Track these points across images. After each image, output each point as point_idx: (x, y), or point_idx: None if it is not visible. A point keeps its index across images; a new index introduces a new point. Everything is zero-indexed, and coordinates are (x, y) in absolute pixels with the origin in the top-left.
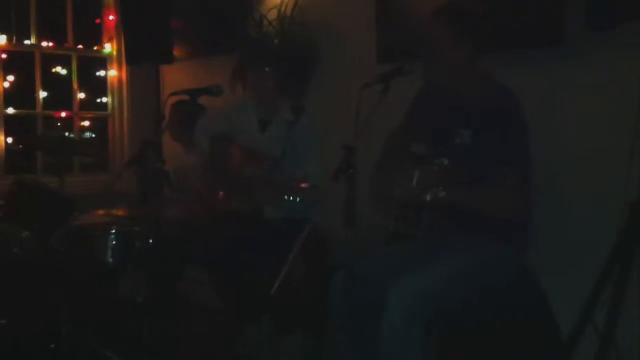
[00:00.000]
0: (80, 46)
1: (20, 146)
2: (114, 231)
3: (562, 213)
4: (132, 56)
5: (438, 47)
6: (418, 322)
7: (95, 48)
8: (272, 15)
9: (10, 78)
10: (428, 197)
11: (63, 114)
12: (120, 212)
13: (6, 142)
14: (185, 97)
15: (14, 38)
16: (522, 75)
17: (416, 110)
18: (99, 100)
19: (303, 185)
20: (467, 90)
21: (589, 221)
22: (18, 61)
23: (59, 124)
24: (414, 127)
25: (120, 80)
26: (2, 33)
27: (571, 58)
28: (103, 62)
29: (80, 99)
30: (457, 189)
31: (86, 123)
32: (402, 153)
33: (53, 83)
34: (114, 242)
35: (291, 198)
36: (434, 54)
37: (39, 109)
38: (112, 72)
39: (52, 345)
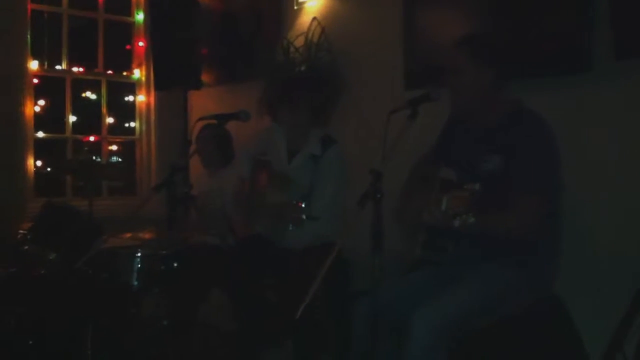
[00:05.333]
0: (110, 71)
1: (50, 169)
2: (139, 254)
3: (592, 241)
4: (160, 82)
5: (461, 75)
6: (441, 348)
7: (124, 73)
8: (299, 42)
9: (42, 102)
10: (457, 223)
11: (92, 138)
12: (146, 235)
13: (36, 166)
14: (212, 121)
15: (46, 63)
16: (548, 102)
17: (446, 136)
18: (127, 124)
19: (301, 216)
20: (495, 117)
21: (620, 249)
22: (49, 86)
23: (86, 148)
24: (443, 153)
25: (148, 105)
26: (35, 58)
27: (598, 85)
28: (132, 87)
29: (109, 124)
30: (486, 215)
31: (114, 147)
32: (430, 178)
33: (83, 107)
34: (139, 265)
35: (291, 227)
36: (458, 82)
37: (68, 133)
38: (141, 97)
39: None
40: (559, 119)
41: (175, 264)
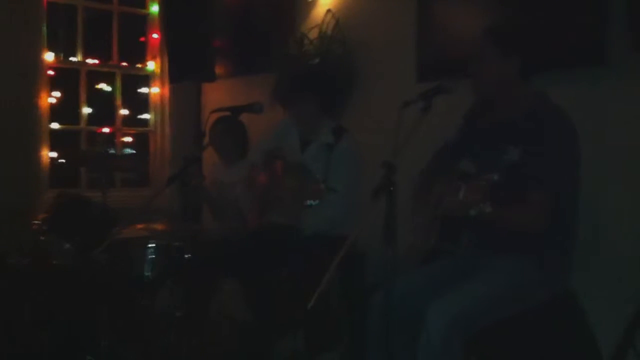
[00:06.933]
0: (124, 64)
1: (64, 161)
2: (152, 245)
3: (604, 235)
4: (174, 74)
5: (487, 63)
6: (456, 341)
7: (138, 66)
8: (313, 34)
9: (57, 94)
10: (473, 212)
11: (106, 130)
12: (159, 227)
13: (50, 157)
14: (225, 114)
15: (61, 55)
16: (563, 94)
17: (466, 128)
18: (141, 116)
19: (320, 188)
20: (517, 108)
21: (632, 243)
22: (64, 78)
23: (100, 139)
24: (462, 144)
25: (162, 97)
26: (50, 50)
27: (613, 78)
28: (146, 79)
29: (123, 115)
30: (502, 206)
31: (128, 139)
32: (449, 169)
33: (97, 99)
34: (152, 256)
35: (311, 202)
36: (483, 71)
37: (83, 125)
38: (155, 90)
39: (90, 358)
40: (575, 112)
41: (187, 256)
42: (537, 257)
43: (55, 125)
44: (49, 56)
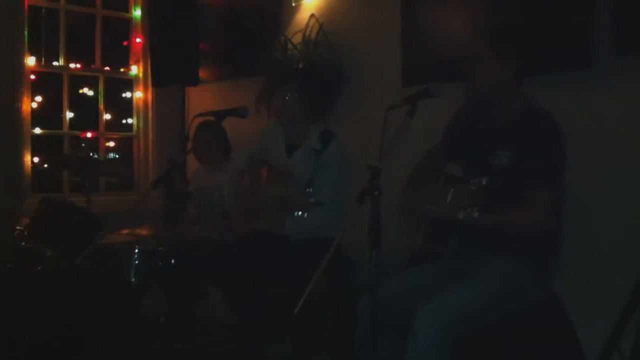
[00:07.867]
0: (107, 68)
1: (47, 165)
2: (137, 250)
3: (590, 238)
4: (158, 78)
5: (482, 64)
6: (445, 344)
7: (122, 70)
8: (297, 38)
9: (39, 99)
10: (461, 216)
11: (89, 135)
12: (144, 232)
13: (33, 162)
14: (210, 118)
15: (43, 59)
16: (548, 98)
17: (454, 130)
18: (124, 121)
19: (310, 200)
20: (511, 110)
21: (617, 246)
22: (46, 82)
23: (83, 144)
24: (450, 147)
25: (145, 101)
26: (32, 55)
27: (598, 82)
28: (129, 83)
29: (106, 120)
30: (492, 210)
31: (111, 143)
32: (437, 171)
33: (80, 104)
34: (137, 261)
35: (299, 213)
36: (478, 72)
37: (65, 129)
38: (138, 94)
39: None
40: (560, 115)
41: (173, 261)
42: (527, 259)
43: (37, 130)
44: (31, 60)
